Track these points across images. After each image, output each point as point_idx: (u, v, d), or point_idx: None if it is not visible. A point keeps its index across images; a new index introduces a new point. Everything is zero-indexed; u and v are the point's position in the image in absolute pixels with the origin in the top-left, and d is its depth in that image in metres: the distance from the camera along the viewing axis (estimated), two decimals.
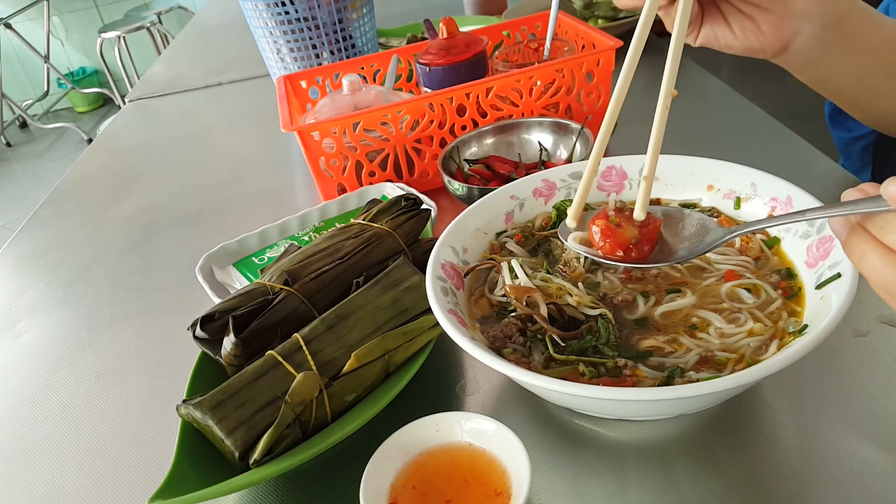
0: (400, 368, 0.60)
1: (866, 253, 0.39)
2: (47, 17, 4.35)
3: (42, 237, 1.05)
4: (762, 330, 0.53)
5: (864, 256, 0.39)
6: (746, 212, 0.65)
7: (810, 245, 0.57)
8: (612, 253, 0.54)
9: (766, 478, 0.51)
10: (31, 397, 0.73)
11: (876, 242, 0.38)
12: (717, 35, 0.67)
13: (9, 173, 4.16)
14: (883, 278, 0.38)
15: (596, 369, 0.53)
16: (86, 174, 1.26)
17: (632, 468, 0.53)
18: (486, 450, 0.51)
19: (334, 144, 0.88)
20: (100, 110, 4.85)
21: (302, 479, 0.57)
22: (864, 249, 0.39)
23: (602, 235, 0.55)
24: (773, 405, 0.56)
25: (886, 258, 0.38)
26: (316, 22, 1.14)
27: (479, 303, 0.62)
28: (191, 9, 4.48)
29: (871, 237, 0.39)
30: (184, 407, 0.55)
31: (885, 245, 0.38)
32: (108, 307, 0.86)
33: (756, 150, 0.91)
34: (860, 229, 0.40)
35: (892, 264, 0.38)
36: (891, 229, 0.37)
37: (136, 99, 1.59)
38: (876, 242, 0.38)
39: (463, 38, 0.98)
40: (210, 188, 1.11)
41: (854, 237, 0.40)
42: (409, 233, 0.71)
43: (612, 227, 0.54)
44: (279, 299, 0.62)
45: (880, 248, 0.38)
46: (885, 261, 0.38)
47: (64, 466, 0.64)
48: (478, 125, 0.93)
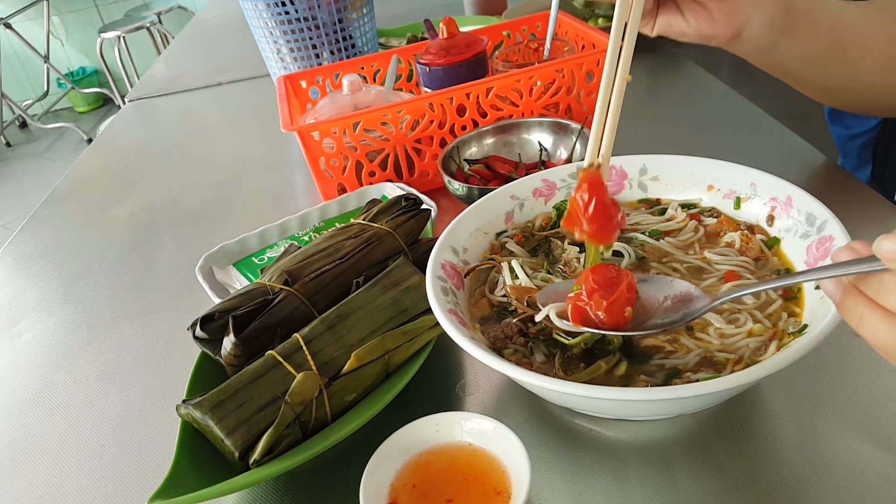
0: (400, 368, 0.60)
1: (865, 316, 0.37)
2: (47, 17, 4.35)
3: (42, 237, 1.05)
4: (762, 331, 0.53)
5: (862, 320, 0.37)
6: (746, 211, 0.65)
7: (810, 245, 0.57)
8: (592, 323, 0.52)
9: (765, 478, 0.51)
10: (30, 397, 0.73)
11: (874, 305, 0.37)
12: (671, 24, 0.69)
13: (9, 173, 4.16)
14: (885, 342, 0.36)
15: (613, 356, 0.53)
16: (86, 174, 1.26)
17: (632, 468, 0.53)
18: (486, 449, 0.51)
19: (334, 144, 0.88)
20: (100, 110, 4.85)
21: (302, 479, 0.57)
22: (862, 313, 0.37)
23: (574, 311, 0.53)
24: (773, 405, 0.56)
25: (887, 322, 0.36)
26: (316, 22, 1.14)
27: (480, 303, 0.62)
28: (191, 9, 4.48)
29: (868, 300, 0.37)
30: (184, 407, 0.55)
31: (884, 308, 0.36)
32: (107, 307, 0.86)
33: (756, 150, 0.91)
34: (855, 291, 0.38)
35: (894, 327, 0.36)
36: (888, 291, 0.35)
37: (136, 99, 1.59)
38: (874, 305, 0.37)
39: (463, 38, 0.98)
40: (210, 188, 1.11)
41: (849, 300, 0.38)
42: (409, 233, 0.71)
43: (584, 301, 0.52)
44: (279, 299, 0.62)
45: (879, 311, 0.36)
46: (886, 324, 0.36)
47: (64, 466, 0.64)
48: (478, 125, 0.93)
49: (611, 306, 0.50)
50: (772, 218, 0.62)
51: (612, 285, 0.51)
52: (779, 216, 0.62)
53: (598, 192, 0.52)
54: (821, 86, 0.81)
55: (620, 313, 0.51)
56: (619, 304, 0.50)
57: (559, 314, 0.53)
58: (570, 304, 0.52)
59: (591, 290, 0.51)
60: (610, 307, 0.50)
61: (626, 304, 0.51)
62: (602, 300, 0.50)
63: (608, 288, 0.51)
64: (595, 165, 0.53)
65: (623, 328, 0.51)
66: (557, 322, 0.53)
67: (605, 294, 0.51)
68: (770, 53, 0.73)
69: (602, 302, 0.50)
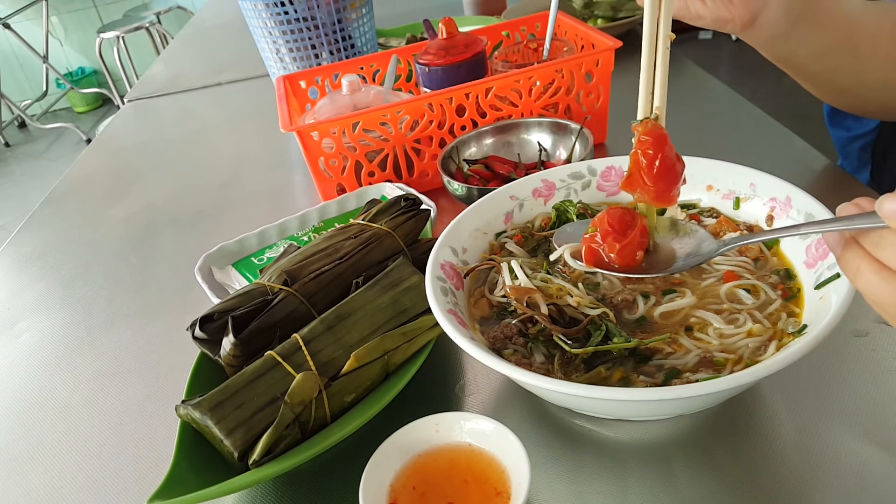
0: (399, 369, 0.60)
1: (861, 269, 0.39)
2: (46, 18, 4.34)
3: (41, 237, 1.05)
4: (761, 331, 0.53)
5: (858, 272, 0.39)
6: (746, 212, 0.65)
7: (809, 245, 0.57)
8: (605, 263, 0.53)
9: (765, 478, 0.51)
10: (29, 398, 0.73)
11: (871, 259, 0.38)
12: (688, 5, 0.68)
13: (7, 173, 4.16)
14: (878, 295, 0.38)
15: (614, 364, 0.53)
16: (85, 174, 1.26)
17: (631, 468, 0.53)
18: (485, 450, 0.51)
19: (333, 144, 0.88)
20: (99, 110, 4.85)
21: (301, 479, 0.57)
22: (859, 265, 0.39)
23: (588, 252, 0.54)
24: (772, 405, 0.56)
25: (881, 275, 0.38)
26: (315, 22, 1.14)
27: (479, 303, 0.62)
28: (190, 9, 4.48)
29: (866, 253, 0.39)
30: (183, 407, 0.55)
31: (880, 262, 0.38)
32: (107, 307, 0.86)
33: (755, 151, 0.91)
34: (855, 244, 0.40)
35: (887, 281, 0.38)
36: (885, 245, 0.37)
37: (135, 99, 1.58)
38: (871, 259, 0.38)
39: (462, 39, 0.98)
40: (209, 188, 1.11)
41: (848, 252, 0.40)
42: (409, 233, 0.71)
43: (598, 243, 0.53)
44: (278, 300, 0.62)
45: (875, 264, 0.38)
46: (879, 277, 0.38)
47: (63, 467, 0.64)
48: (477, 125, 0.93)
49: (623, 249, 0.52)
50: (771, 218, 0.62)
51: (626, 229, 0.52)
52: (778, 216, 0.62)
53: (663, 147, 0.50)
54: (828, 82, 0.80)
55: (632, 256, 0.52)
56: (631, 247, 0.52)
57: (573, 255, 0.55)
58: (585, 245, 0.53)
59: (605, 232, 0.52)
60: (622, 250, 0.52)
61: (638, 247, 0.52)
62: (615, 243, 0.52)
63: (622, 231, 0.52)
64: (653, 118, 0.50)
65: (634, 271, 0.52)
66: (571, 262, 0.54)
67: (618, 237, 0.52)
68: (783, 43, 0.72)
69: (615, 245, 0.52)
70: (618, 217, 0.53)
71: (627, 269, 0.52)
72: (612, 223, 0.52)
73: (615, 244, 0.52)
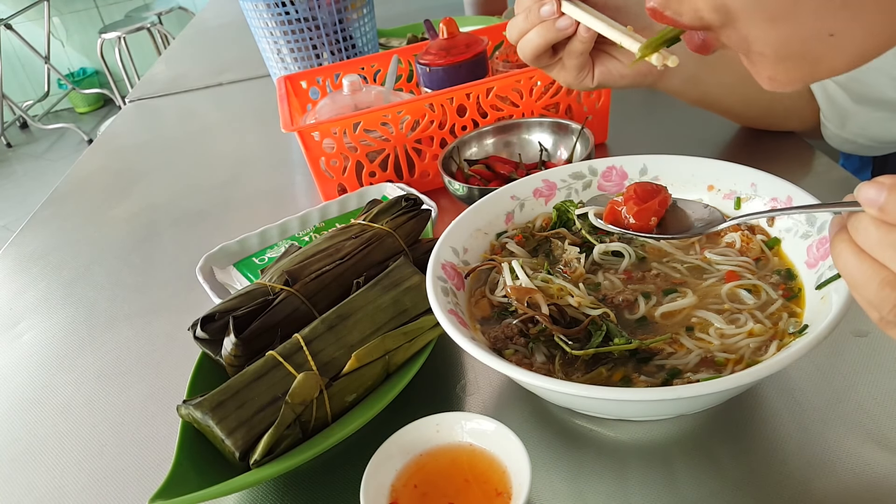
0: (400, 369, 0.60)
1: (842, 251, 0.40)
2: (48, 18, 4.35)
3: (42, 238, 1.05)
4: (762, 331, 0.53)
5: (839, 254, 0.40)
6: (747, 212, 0.64)
7: (811, 245, 0.57)
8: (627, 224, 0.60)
9: (766, 478, 0.51)
10: (31, 398, 0.73)
11: (850, 241, 0.39)
12: (609, 70, 0.73)
13: (9, 174, 4.17)
14: (853, 276, 0.39)
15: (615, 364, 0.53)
16: (86, 175, 1.26)
17: (632, 468, 0.53)
18: (486, 450, 0.51)
19: (334, 145, 0.89)
20: (100, 111, 4.86)
21: (302, 479, 0.57)
22: (842, 248, 0.40)
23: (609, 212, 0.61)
24: (773, 405, 0.56)
25: (858, 257, 0.39)
26: (316, 22, 1.14)
27: (480, 303, 0.62)
28: (191, 9, 4.49)
29: (849, 237, 0.40)
30: (184, 407, 0.55)
31: (857, 245, 0.39)
32: (108, 307, 0.86)
33: (756, 150, 0.91)
34: (843, 230, 0.41)
35: (862, 262, 0.39)
36: (861, 229, 0.38)
37: (136, 99, 1.59)
38: (850, 241, 0.39)
39: (463, 39, 0.98)
40: (210, 188, 1.11)
41: (836, 236, 0.41)
42: (410, 233, 0.71)
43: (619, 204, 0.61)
44: (279, 300, 0.62)
45: (853, 246, 0.39)
46: (856, 259, 0.39)
47: (64, 467, 0.64)
48: (478, 125, 0.93)
49: (640, 212, 0.59)
50: (772, 218, 0.62)
51: (648, 197, 0.59)
52: (779, 216, 0.62)
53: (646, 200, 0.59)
54: (743, 113, 0.90)
55: (646, 220, 0.59)
56: (647, 211, 0.59)
57: (596, 214, 0.63)
58: (609, 206, 0.61)
59: (628, 197, 0.60)
60: (639, 213, 0.59)
61: (653, 213, 0.59)
62: (634, 206, 0.59)
63: (644, 198, 0.59)
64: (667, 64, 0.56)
65: (646, 232, 0.59)
66: (594, 221, 0.62)
67: (638, 202, 0.59)
68: (694, 86, 0.81)
69: (634, 207, 0.59)
70: (644, 187, 0.60)
71: (639, 230, 0.59)
72: (638, 191, 0.60)
73: (634, 207, 0.59)
